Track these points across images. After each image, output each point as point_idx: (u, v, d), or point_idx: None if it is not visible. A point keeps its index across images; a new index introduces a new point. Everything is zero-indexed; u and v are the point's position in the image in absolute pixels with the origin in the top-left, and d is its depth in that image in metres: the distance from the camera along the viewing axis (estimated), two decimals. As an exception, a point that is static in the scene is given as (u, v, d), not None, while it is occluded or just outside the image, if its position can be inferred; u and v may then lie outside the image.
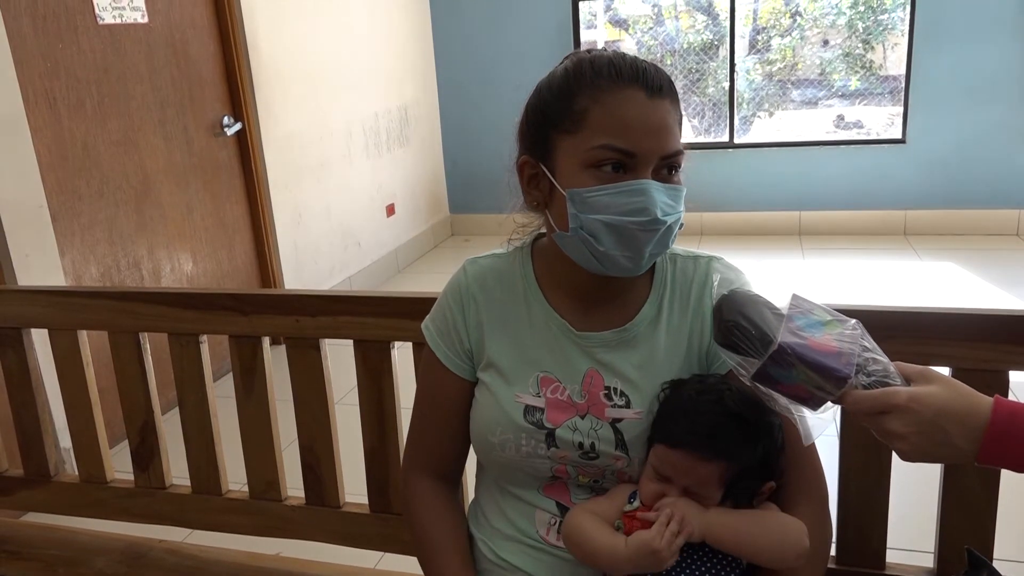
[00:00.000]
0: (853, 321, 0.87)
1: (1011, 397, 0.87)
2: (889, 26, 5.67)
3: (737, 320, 0.85)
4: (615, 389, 1.02)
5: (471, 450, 1.15)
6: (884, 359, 0.85)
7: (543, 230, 1.09)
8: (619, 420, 1.01)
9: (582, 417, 1.02)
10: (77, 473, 1.66)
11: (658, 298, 1.05)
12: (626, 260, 0.95)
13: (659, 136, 0.93)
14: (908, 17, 4.80)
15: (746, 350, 0.85)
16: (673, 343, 1.04)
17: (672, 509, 0.92)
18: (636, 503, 0.98)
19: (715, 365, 1.03)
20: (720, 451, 0.93)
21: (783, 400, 0.85)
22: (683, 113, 1.02)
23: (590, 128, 0.94)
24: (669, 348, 1.03)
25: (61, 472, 1.70)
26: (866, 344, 0.85)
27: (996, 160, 4.81)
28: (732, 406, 0.94)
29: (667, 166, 0.95)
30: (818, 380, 0.82)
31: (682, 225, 0.98)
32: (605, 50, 1.00)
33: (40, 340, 1.62)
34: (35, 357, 1.63)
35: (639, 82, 0.94)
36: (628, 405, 1.01)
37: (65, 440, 1.69)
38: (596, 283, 1.03)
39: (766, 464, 0.96)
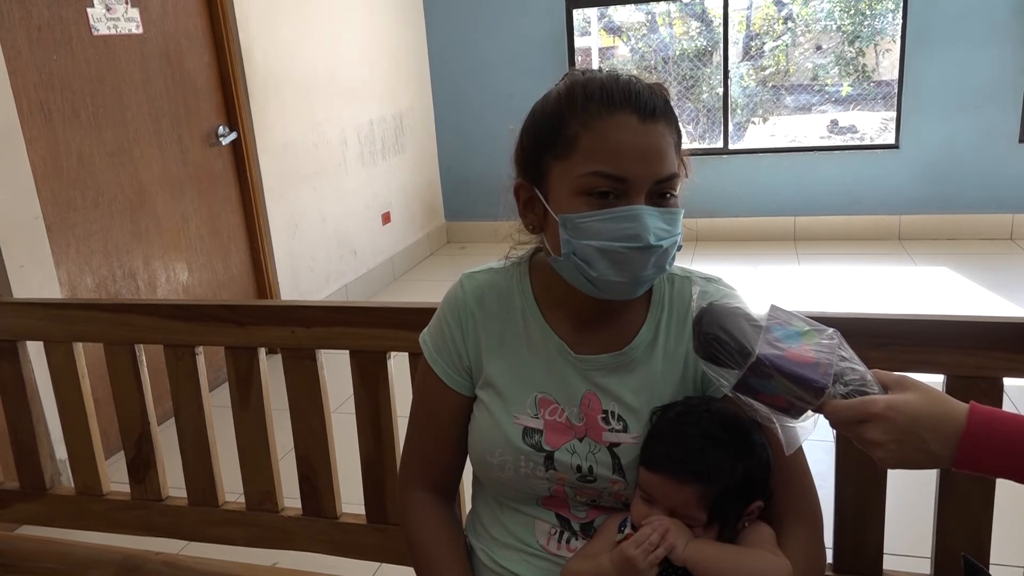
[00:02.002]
0: (830, 331, 0.88)
1: (1006, 403, 0.88)
2: (881, 31, 5.71)
3: (716, 333, 0.86)
4: (613, 413, 1.02)
5: (467, 462, 1.15)
6: (861, 368, 0.86)
7: (540, 244, 1.08)
8: (616, 444, 1.01)
9: (580, 440, 1.02)
10: (73, 485, 1.66)
11: (655, 321, 1.05)
12: (621, 285, 0.95)
13: (651, 161, 0.92)
14: (900, 22, 4.82)
15: (725, 362, 0.85)
16: (670, 367, 1.03)
17: (657, 523, 0.93)
18: (627, 530, 0.98)
19: (711, 389, 1.03)
20: (695, 474, 0.93)
21: (764, 409, 0.86)
22: (682, 130, 1.01)
23: (581, 154, 0.93)
24: (666, 372, 1.03)
25: (56, 484, 1.69)
26: (843, 353, 0.86)
27: (989, 165, 4.83)
28: (709, 428, 0.95)
29: (661, 190, 0.94)
30: (797, 391, 0.83)
31: (680, 247, 0.97)
32: (600, 71, 0.98)
33: (35, 352, 1.62)
34: (30, 369, 1.63)
35: (631, 106, 0.92)
36: (625, 430, 1.01)
37: (61, 452, 1.69)
38: (594, 304, 1.02)
39: (749, 484, 0.96)
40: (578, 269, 0.95)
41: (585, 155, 0.92)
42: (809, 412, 0.85)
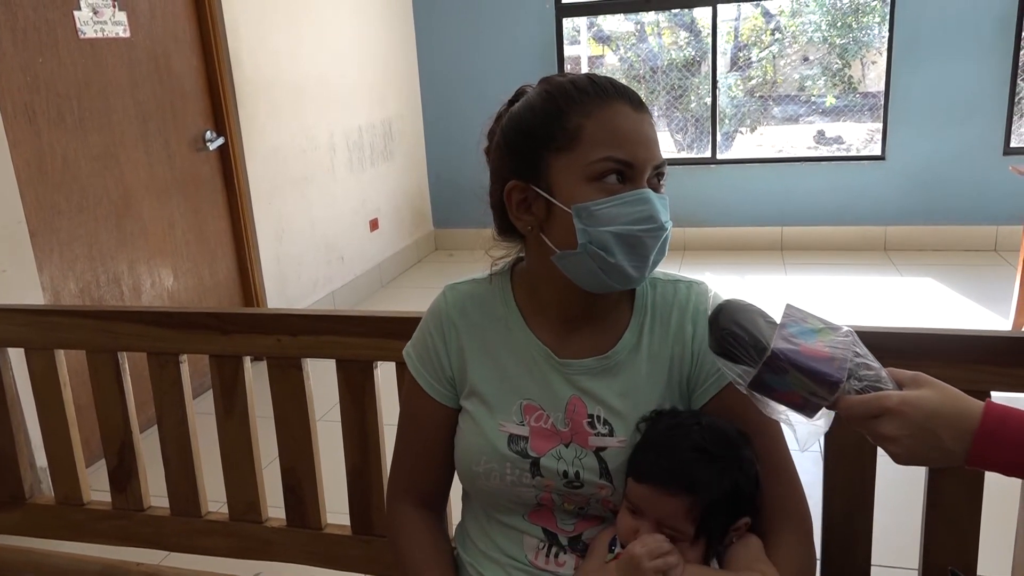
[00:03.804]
0: (845, 328, 0.89)
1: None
2: (867, 43, 5.76)
3: (732, 328, 0.87)
4: (598, 417, 1.02)
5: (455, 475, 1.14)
6: (876, 365, 0.86)
7: (522, 254, 1.08)
8: (603, 449, 1.00)
9: (566, 445, 1.01)
10: (53, 494, 1.63)
11: (639, 324, 1.05)
12: (634, 270, 0.95)
13: (650, 147, 0.95)
14: (887, 35, 4.87)
15: (741, 358, 0.86)
16: (654, 370, 1.03)
17: (662, 539, 0.92)
18: (617, 549, 0.98)
19: (696, 392, 1.03)
20: (683, 486, 0.93)
21: (780, 407, 0.86)
22: (665, 132, 1.03)
23: (587, 143, 0.94)
24: (650, 375, 1.03)
25: (36, 494, 1.67)
26: (858, 351, 0.87)
27: (974, 177, 4.88)
28: (699, 440, 0.95)
29: (656, 175, 0.97)
30: (811, 385, 0.83)
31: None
32: (573, 73, 1.02)
33: (16, 359, 1.60)
34: (11, 376, 1.60)
35: (622, 96, 0.96)
36: (611, 433, 1.01)
37: (41, 459, 1.66)
38: (580, 308, 1.02)
39: (738, 499, 0.96)
40: (594, 259, 0.95)
41: (592, 143, 0.94)
42: (823, 410, 0.85)
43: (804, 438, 0.88)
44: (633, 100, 0.96)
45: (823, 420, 0.86)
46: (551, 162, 0.96)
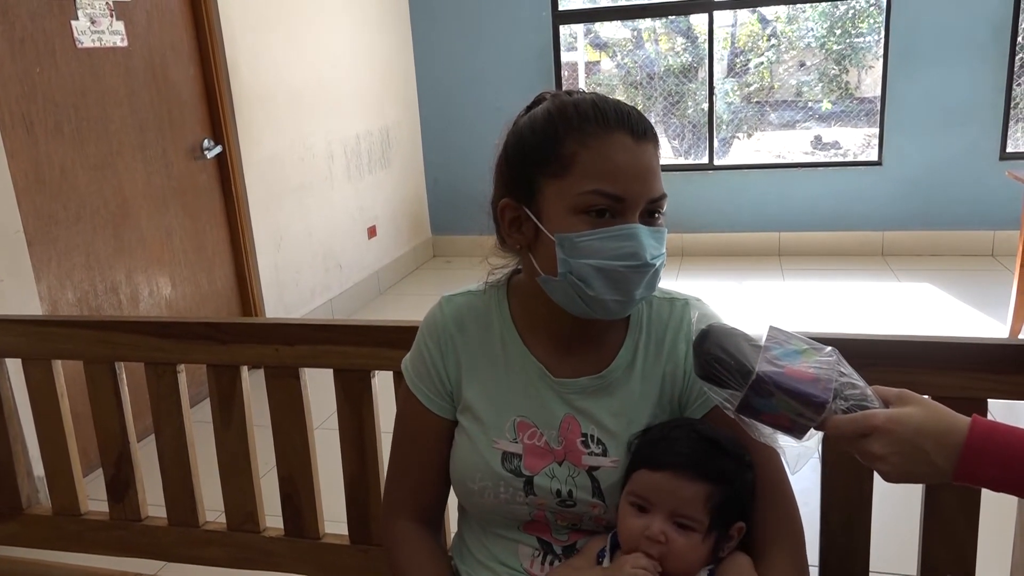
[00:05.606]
0: (829, 348, 0.88)
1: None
2: (864, 50, 5.78)
3: (716, 353, 0.86)
4: (592, 436, 1.01)
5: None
6: (861, 383, 0.86)
7: (519, 267, 1.08)
8: (596, 468, 1.00)
9: (559, 464, 1.01)
10: (50, 505, 1.63)
11: (634, 342, 1.04)
12: (615, 304, 0.95)
13: (646, 180, 0.93)
14: (883, 41, 4.88)
15: (727, 382, 0.86)
16: (647, 388, 1.03)
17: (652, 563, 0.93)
18: (604, 561, 0.98)
19: (688, 410, 1.03)
20: (705, 472, 0.93)
21: (767, 431, 0.86)
22: (663, 137, 1.02)
23: (578, 172, 0.92)
24: (643, 393, 1.03)
25: (34, 504, 1.66)
26: (842, 370, 0.86)
27: (970, 182, 4.89)
28: (708, 433, 0.96)
29: (652, 210, 0.95)
30: (798, 407, 0.83)
31: (663, 265, 0.98)
32: (583, 92, 0.99)
33: (14, 369, 1.59)
34: (8, 387, 1.60)
35: (625, 127, 0.93)
36: (605, 453, 1.01)
37: (39, 469, 1.66)
38: (574, 326, 1.02)
39: (742, 499, 0.97)
40: (574, 288, 0.94)
41: (583, 173, 0.92)
42: (812, 431, 0.85)
43: (794, 460, 0.88)
44: (636, 130, 0.93)
45: (813, 441, 0.86)
46: (543, 186, 0.95)
